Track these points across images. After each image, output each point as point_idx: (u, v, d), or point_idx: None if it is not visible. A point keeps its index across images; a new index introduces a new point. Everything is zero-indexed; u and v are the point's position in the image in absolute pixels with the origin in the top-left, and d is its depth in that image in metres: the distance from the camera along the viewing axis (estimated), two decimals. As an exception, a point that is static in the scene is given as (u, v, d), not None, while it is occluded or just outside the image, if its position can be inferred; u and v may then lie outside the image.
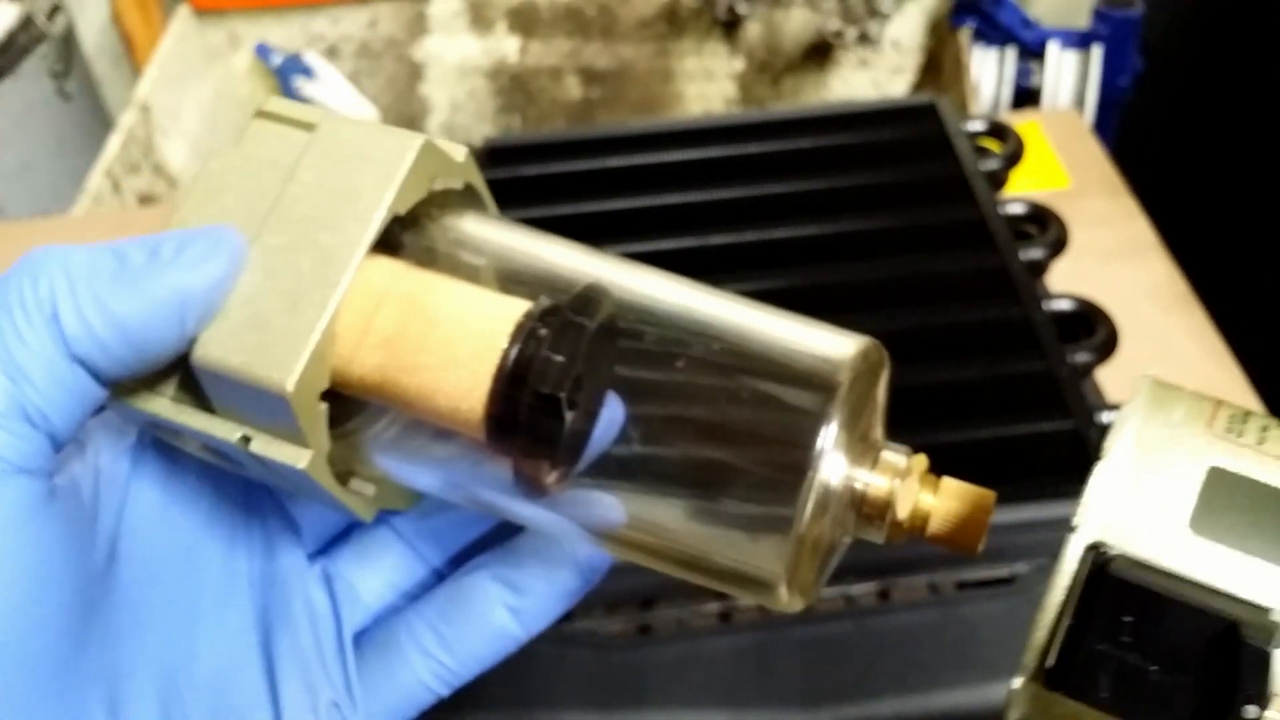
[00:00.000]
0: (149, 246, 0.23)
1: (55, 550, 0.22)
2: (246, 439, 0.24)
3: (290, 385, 0.22)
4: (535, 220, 0.74)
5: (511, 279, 0.25)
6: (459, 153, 0.26)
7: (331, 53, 1.35)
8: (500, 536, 0.29)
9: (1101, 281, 0.63)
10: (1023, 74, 1.23)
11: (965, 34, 1.20)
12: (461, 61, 1.37)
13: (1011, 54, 1.23)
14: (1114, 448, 0.20)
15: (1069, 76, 1.21)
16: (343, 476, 0.26)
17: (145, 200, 1.06)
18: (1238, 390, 0.60)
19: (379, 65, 1.37)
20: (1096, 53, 1.19)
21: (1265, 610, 0.19)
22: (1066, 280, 0.61)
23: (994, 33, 1.22)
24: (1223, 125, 1.26)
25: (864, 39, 1.28)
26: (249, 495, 0.28)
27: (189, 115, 1.21)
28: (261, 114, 0.26)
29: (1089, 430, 0.49)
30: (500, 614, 0.27)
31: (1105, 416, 0.51)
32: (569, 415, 0.22)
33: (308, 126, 0.25)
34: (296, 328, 0.23)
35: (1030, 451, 0.50)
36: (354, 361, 0.24)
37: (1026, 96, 1.23)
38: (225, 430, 0.24)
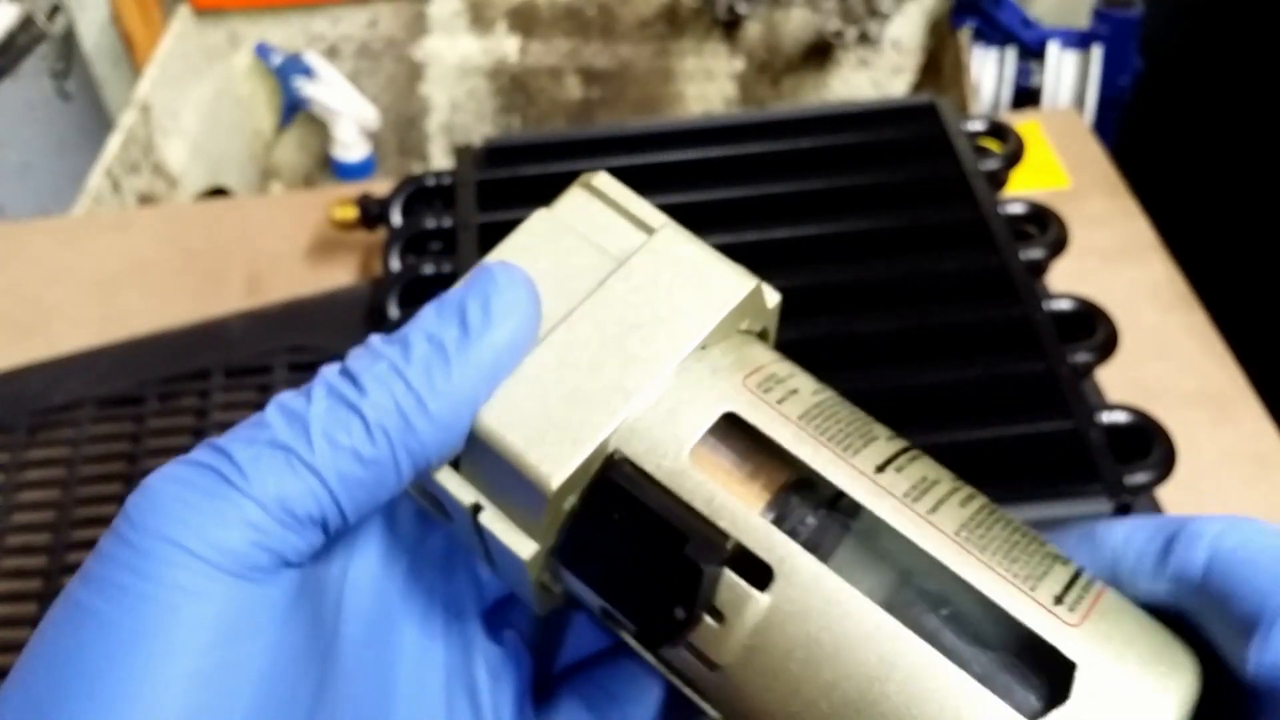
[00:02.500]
0: (456, 315, 0.22)
1: (305, 640, 0.22)
2: (478, 508, 0.23)
3: (555, 484, 0.22)
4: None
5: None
6: (773, 299, 0.26)
7: (331, 53, 1.35)
8: None
9: (1101, 281, 0.63)
10: (1023, 74, 1.23)
11: (965, 34, 1.20)
12: (461, 61, 1.37)
13: (1011, 54, 1.23)
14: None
15: (1069, 76, 1.21)
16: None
17: (145, 200, 1.06)
18: (1238, 390, 0.60)
19: (379, 65, 1.37)
20: (1096, 53, 1.19)
21: (719, 532, 0.21)
22: (1067, 280, 0.61)
23: (994, 33, 1.22)
24: (1223, 125, 1.26)
25: (864, 39, 1.28)
26: (448, 550, 0.27)
27: (189, 115, 1.21)
28: (586, 186, 0.26)
29: (1089, 430, 0.49)
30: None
31: (1105, 416, 0.51)
32: None
33: (639, 222, 0.25)
34: (579, 427, 0.22)
35: (1030, 451, 0.50)
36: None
37: (1026, 96, 1.23)
38: (462, 493, 0.23)
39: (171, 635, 0.19)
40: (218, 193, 1.22)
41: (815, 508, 0.22)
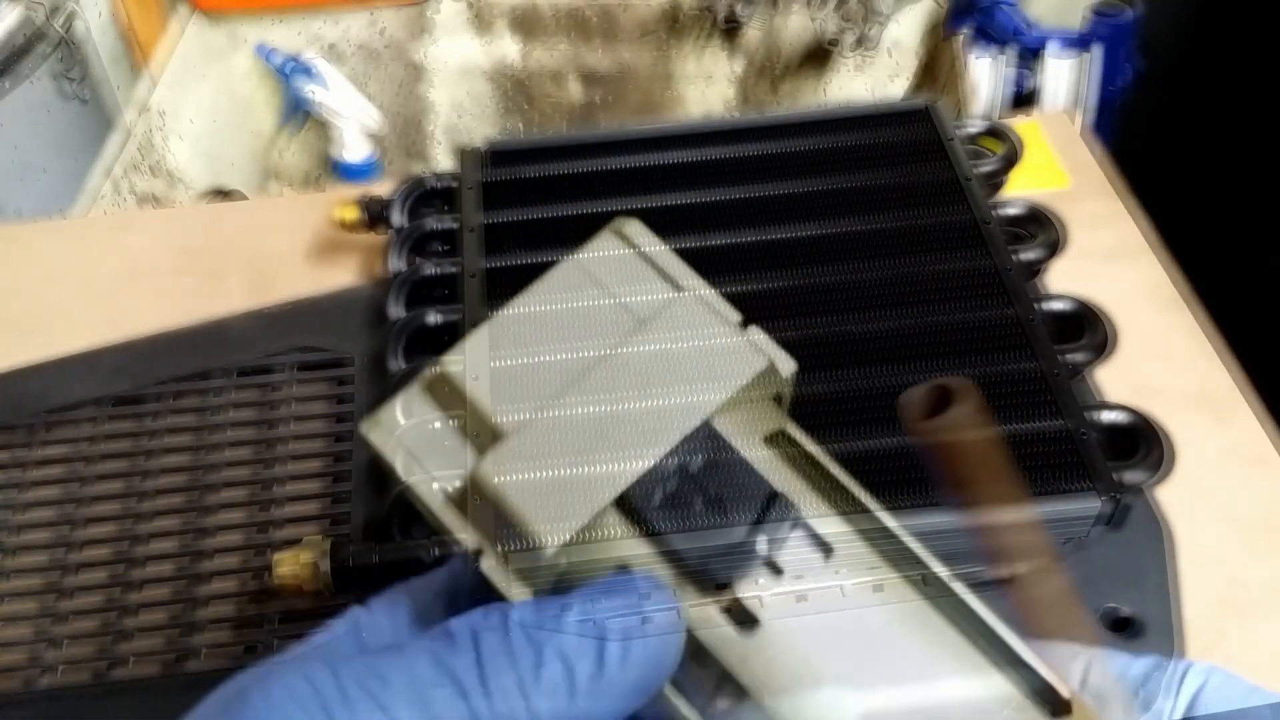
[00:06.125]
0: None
1: None
2: None
3: None
4: (536, 221, 0.74)
5: None
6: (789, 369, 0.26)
7: (333, 54, 1.35)
8: None
9: (1100, 282, 0.63)
10: (1021, 76, 1.23)
11: (963, 37, 1.21)
12: (463, 64, 1.37)
13: (1009, 56, 1.23)
14: None
15: (1067, 78, 1.21)
16: None
17: (146, 200, 1.06)
18: (1237, 391, 0.60)
19: (381, 67, 1.37)
20: (1095, 54, 1.20)
21: None
22: (1065, 280, 0.61)
23: (992, 35, 1.22)
24: (1222, 125, 1.26)
25: (862, 43, 1.28)
26: None
27: (190, 115, 1.21)
28: None
29: (1084, 429, 0.50)
30: None
31: (1102, 416, 0.51)
32: None
33: None
34: None
35: (1025, 451, 0.50)
36: None
37: (1025, 98, 1.23)
38: None
39: None
40: (219, 193, 1.22)
41: None
